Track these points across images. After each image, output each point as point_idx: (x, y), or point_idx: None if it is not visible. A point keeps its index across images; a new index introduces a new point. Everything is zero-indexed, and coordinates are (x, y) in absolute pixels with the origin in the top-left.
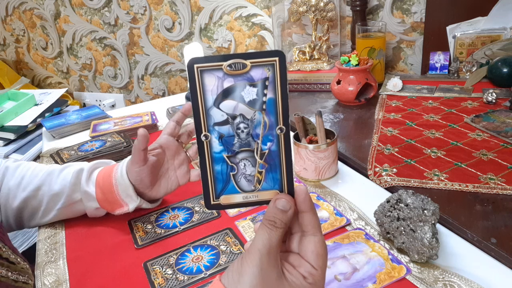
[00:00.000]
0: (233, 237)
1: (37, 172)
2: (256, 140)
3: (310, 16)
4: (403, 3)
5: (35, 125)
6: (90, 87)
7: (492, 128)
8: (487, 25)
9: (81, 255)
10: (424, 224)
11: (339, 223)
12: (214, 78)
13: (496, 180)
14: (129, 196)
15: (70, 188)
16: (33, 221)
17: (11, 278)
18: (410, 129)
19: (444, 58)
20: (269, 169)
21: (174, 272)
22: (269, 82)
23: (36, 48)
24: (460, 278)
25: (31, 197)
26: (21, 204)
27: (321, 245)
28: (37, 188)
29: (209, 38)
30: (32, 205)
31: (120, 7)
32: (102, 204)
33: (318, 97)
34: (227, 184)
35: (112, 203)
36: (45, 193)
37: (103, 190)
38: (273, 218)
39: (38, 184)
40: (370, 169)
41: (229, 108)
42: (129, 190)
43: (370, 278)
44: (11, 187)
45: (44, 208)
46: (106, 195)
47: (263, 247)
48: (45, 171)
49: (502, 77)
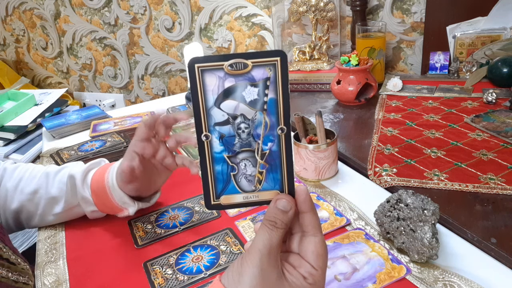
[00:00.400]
0: (233, 237)
1: (34, 174)
2: (257, 140)
3: (310, 16)
4: (403, 3)
5: (35, 125)
6: (90, 87)
7: (492, 128)
8: (487, 25)
9: (81, 255)
10: (424, 224)
11: (339, 223)
12: (215, 78)
13: (496, 180)
14: (126, 203)
15: (67, 192)
16: (31, 223)
17: (11, 279)
18: (410, 129)
19: (444, 58)
20: (269, 169)
21: (174, 272)
22: (271, 82)
23: (36, 48)
24: (460, 278)
25: (28, 201)
26: (19, 208)
27: (322, 246)
28: (34, 192)
29: (209, 38)
30: (29, 208)
31: (120, 7)
32: (101, 208)
33: (318, 97)
34: (227, 184)
35: (111, 208)
36: (42, 197)
37: (99, 197)
38: (274, 219)
39: (35, 188)
40: (370, 169)
41: (230, 108)
42: (125, 198)
43: (370, 278)
44: (9, 188)
45: (41, 212)
46: (104, 202)
47: (263, 247)
48: (42, 173)
49: (502, 77)
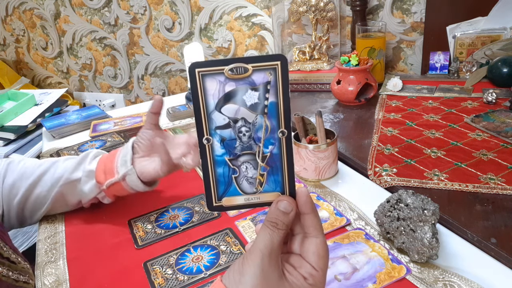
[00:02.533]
0: (233, 237)
1: (41, 163)
2: (257, 143)
3: (310, 16)
4: (403, 3)
5: (35, 125)
6: (90, 87)
7: (492, 128)
8: (487, 25)
9: (81, 255)
10: (424, 224)
11: (339, 223)
12: (215, 82)
13: (496, 180)
14: (124, 163)
15: (72, 167)
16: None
17: (12, 278)
18: (410, 129)
19: (444, 58)
20: (270, 171)
21: (174, 272)
22: (271, 86)
23: (36, 48)
24: (460, 278)
25: (34, 184)
26: (26, 193)
27: (323, 247)
28: (41, 175)
29: (209, 38)
30: (36, 192)
31: (120, 7)
32: (98, 174)
33: (318, 97)
34: (229, 186)
35: (107, 173)
36: (48, 179)
37: (105, 162)
38: (275, 220)
39: (42, 172)
40: (370, 169)
41: (230, 112)
42: (127, 155)
43: (370, 278)
44: (15, 179)
45: (45, 194)
46: (106, 165)
47: (264, 248)
48: (50, 161)
49: (502, 77)
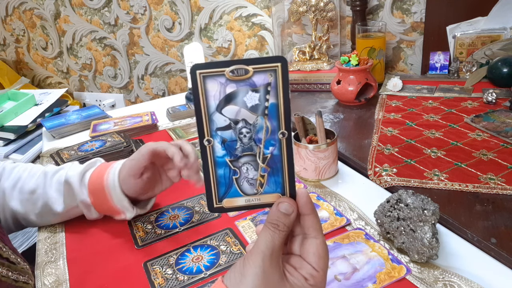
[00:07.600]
0: (233, 237)
1: (33, 173)
2: (258, 144)
3: (310, 16)
4: (403, 3)
5: (35, 125)
6: (90, 87)
7: (492, 128)
8: (487, 25)
9: (81, 255)
10: (424, 224)
11: (339, 223)
12: (216, 84)
13: (496, 180)
14: (125, 207)
15: (65, 194)
16: (30, 222)
17: (11, 278)
18: (410, 129)
19: (444, 58)
20: (271, 172)
21: (174, 272)
22: (271, 87)
23: (36, 48)
24: (460, 278)
25: (26, 200)
26: (17, 207)
27: (323, 247)
28: (33, 191)
29: (209, 38)
30: (27, 208)
31: (120, 7)
32: (99, 209)
33: (318, 97)
34: (229, 188)
35: (109, 209)
36: (40, 197)
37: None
38: (276, 221)
39: (33, 187)
40: (370, 169)
41: (231, 113)
42: (124, 202)
43: (370, 278)
44: (7, 187)
45: (39, 212)
46: (102, 202)
47: (266, 248)
48: (40, 173)
49: (502, 77)
